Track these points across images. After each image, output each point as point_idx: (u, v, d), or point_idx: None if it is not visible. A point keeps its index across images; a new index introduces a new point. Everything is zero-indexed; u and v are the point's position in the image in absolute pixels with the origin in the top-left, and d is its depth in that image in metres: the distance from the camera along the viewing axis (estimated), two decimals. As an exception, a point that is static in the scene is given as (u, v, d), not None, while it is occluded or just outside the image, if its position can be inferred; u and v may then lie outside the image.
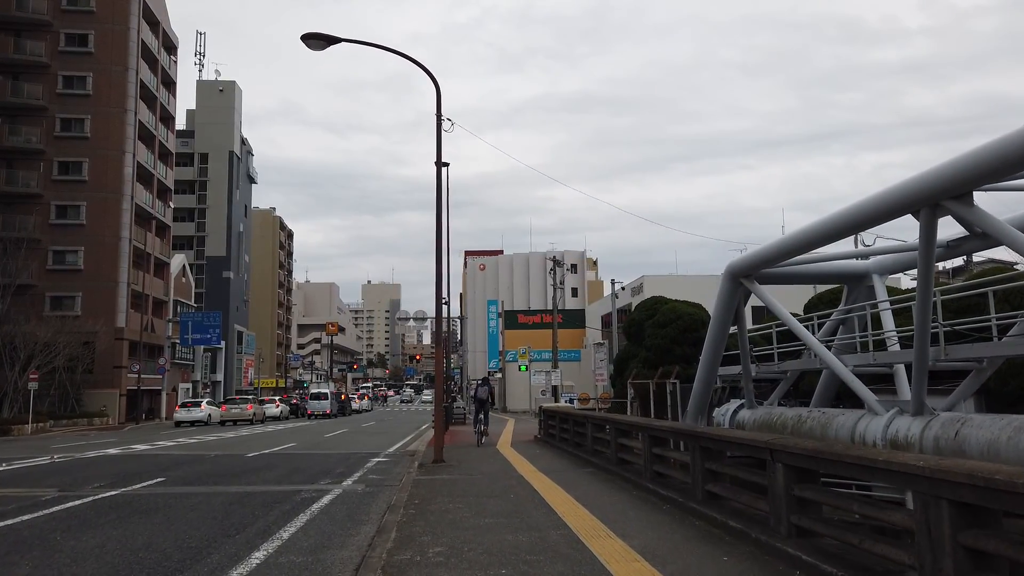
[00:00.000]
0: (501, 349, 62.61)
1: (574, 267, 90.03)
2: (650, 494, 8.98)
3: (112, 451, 19.27)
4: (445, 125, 14.64)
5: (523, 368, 49.94)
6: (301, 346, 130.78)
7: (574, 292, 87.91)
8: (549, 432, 18.82)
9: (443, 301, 14.34)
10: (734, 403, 15.57)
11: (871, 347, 11.09)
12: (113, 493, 10.81)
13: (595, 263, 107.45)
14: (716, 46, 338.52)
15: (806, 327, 12.41)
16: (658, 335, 17.65)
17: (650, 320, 18.42)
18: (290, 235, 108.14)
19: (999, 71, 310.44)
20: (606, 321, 58.17)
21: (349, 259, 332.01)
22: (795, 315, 19.35)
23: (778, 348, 14.03)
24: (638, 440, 10.61)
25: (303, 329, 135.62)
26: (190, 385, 62.36)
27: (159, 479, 12.57)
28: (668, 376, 16.15)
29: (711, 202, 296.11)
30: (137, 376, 44.48)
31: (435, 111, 14.66)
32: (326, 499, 10.01)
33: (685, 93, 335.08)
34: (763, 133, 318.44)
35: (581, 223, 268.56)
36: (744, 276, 12.48)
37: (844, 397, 15.20)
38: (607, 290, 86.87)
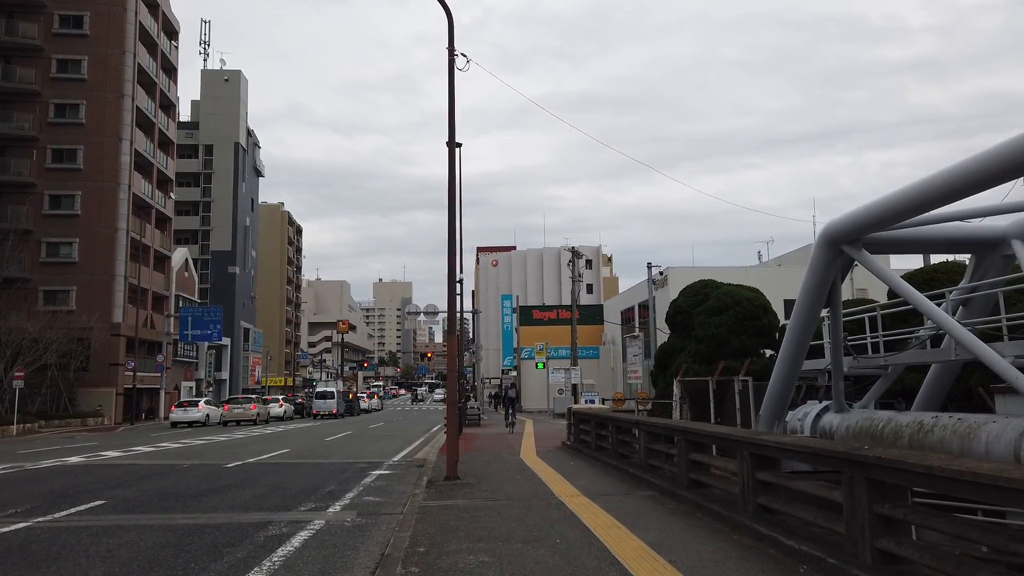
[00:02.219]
0: (516, 346, 59.81)
1: (589, 262, 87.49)
2: (764, 543, 6.16)
3: (74, 460, 16.65)
4: (460, 63, 11.90)
5: (540, 366, 47.11)
6: (312, 344, 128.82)
7: (589, 288, 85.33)
8: (581, 439, 16.03)
9: (457, 279, 11.59)
10: (811, 405, 12.69)
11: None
12: (20, 526, 8.14)
13: (610, 259, 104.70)
14: (719, 45, 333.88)
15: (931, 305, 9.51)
16: (711, 324, 14.79)
17: (700, 307, 15.57)
18: (299, 231, 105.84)
19: (1005, 69, 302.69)
20: (626, 316, 55.26)
21: (359, 258, 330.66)
22: (866, 302, 16.44)
23: (884, 336, 11.17)
24: (721, 457, 7.79)
25: (314, 327, 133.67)
26: (193, 383, 60.03)
27: (97, 502, 9.89)
28: (735, 372, 13.26)
29: (719, 200, 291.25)
30: (132, 373, 42.08)
31: (447, 46, 11.92)
32: (298, 539, 7.27)
33: (689, 92, 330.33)
34: (769, 132, 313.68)
35: (589, 222, 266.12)
36: (847, 242, 9.62)
37: (955, 399, 12.31)
38: (623, 286, 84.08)
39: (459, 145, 16.60)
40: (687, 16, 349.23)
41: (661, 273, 24.55)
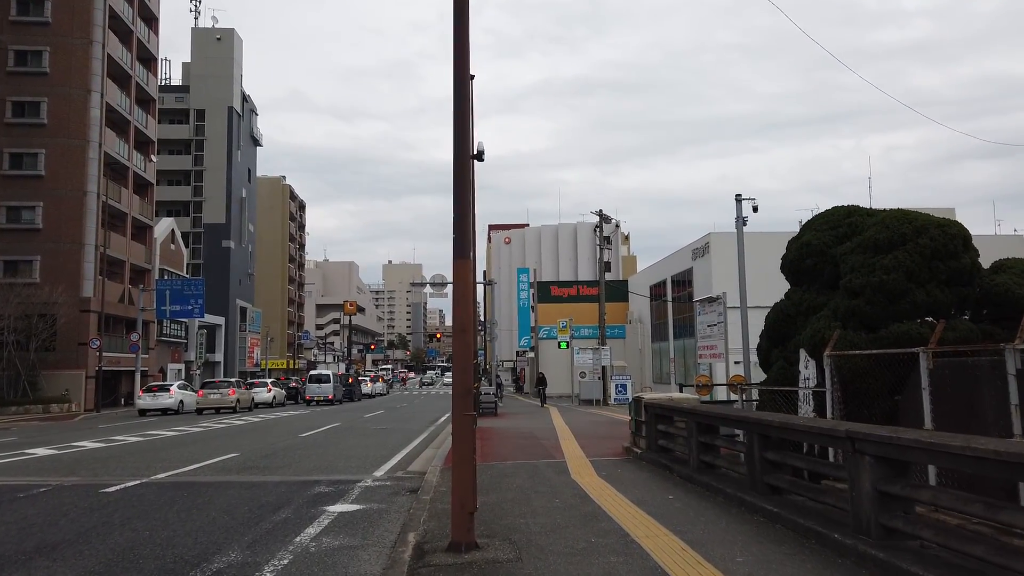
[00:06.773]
0: (533, 325, 54.29)
1: (608, 239, 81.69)
2: None
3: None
4: None
5: (563, 345, 41.63)
6: (320, 326, 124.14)
7: (608, 267, 79.47)
8: (661, 446, 10.51)
9: (473, 154, 5.94)
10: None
11: None
12: None
13: (627, 238, 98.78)
14: (714, 28, 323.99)
15: None
16: (876, 267, 9.14)
17: (847, 243, 10.01)
18: (301, 206, 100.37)
19: (1004, 51, 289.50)
20: (656, 292, 49.70)
21: (365, 243, 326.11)
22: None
23: None
24: None
25: (321, 309, 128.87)
26: (182, 366, 55.11)
27: None
28: (953, 340, 7.27)
29: (721, 184, 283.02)
30: (99, 354, 36.98)
31: None
32: None
33: (688, 76, 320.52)
34: (770, 116, 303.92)
35: (592, 206, 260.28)
36: None
37: None
38: (641, 265, 78.28)
39: (472, 77, 11.01)
40: (679, 0, 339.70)
41: (755, 209, 18.61)
